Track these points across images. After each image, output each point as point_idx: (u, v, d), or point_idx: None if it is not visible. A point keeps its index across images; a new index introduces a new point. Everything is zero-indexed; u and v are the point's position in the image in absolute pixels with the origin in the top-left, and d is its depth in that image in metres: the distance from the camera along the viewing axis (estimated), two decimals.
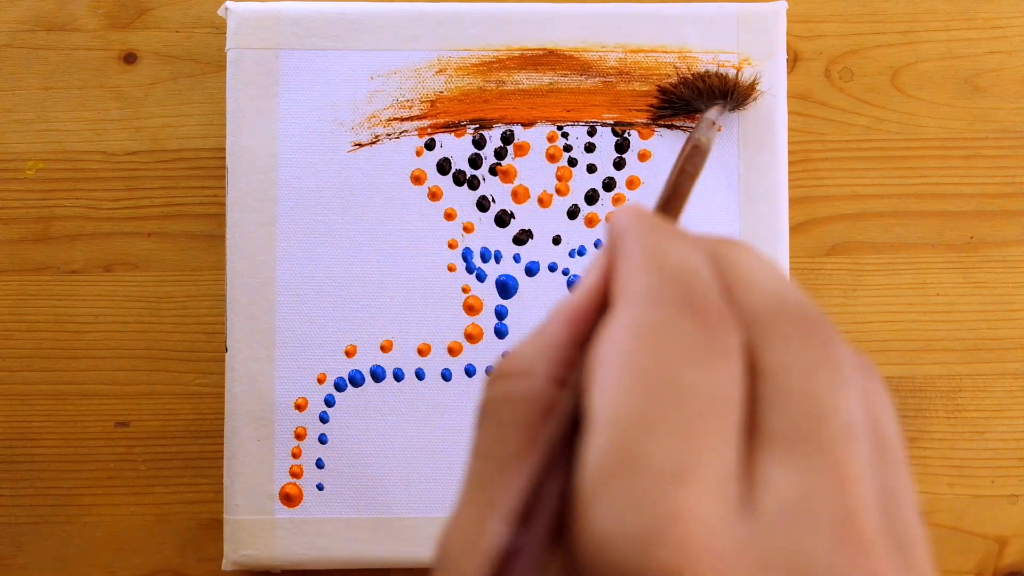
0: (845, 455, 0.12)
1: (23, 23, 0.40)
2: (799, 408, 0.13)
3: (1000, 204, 0.40)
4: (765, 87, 0.38)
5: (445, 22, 0.38)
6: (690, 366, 0.13)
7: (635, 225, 0.15)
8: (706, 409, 0.12)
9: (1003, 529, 0.40)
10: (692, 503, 0.11)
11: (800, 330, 0.14)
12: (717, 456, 0.12)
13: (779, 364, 0.13)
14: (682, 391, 0.12)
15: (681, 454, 0.12)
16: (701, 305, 0.13)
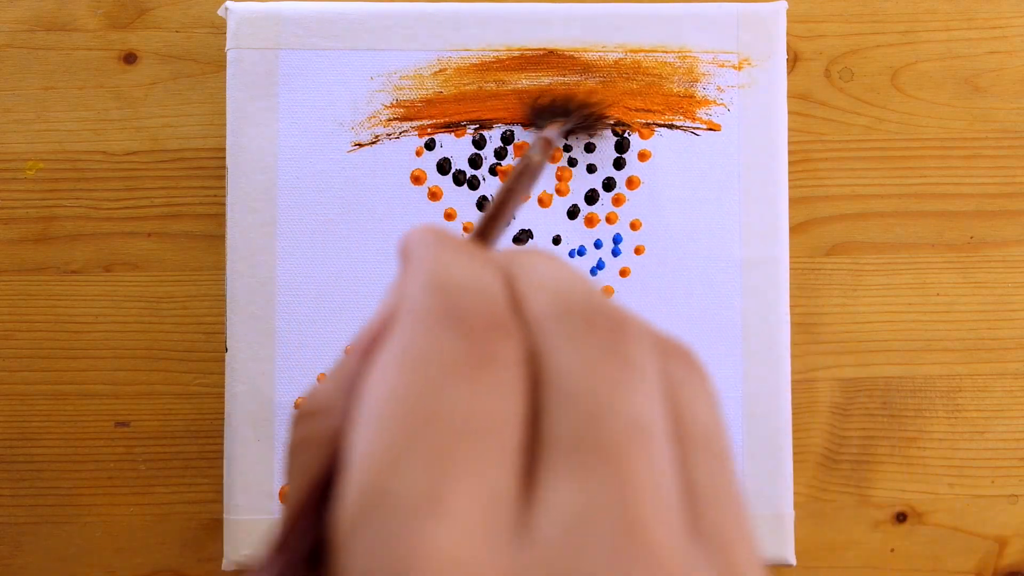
0: (630, 457, 0.12)
1: (23, 23, 0.40)
2: (579, 412, 0.12)
3: (1000, 204, 0.40)
4: (764, 87, 0.38)
5: (445, 22, 0.38)
6: (453, 387, 0.12)
7: (423, 243, 0.14)
8: (469, 431, 0.11)
9: (1003, 529, 0.40)
10: (443, 537, 0.10)
11: (584, 329, 0.13)
12: (482, 480, 0.11)
13: (561, 368, 0.12)
14: (441, 415, 0.11)
15: (433, 484, 0.11)
16: (472, 320, 0.12)
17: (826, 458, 0.40)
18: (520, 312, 0.13)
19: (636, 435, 0.12)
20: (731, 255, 0.38)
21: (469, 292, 0.13)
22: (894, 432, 0.40)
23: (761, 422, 0.37)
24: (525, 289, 0.14)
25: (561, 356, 0.13)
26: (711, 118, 0.38)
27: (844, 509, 0.39)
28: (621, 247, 0.38)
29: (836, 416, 0.40)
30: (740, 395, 0.37)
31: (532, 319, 0.13)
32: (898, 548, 0.39)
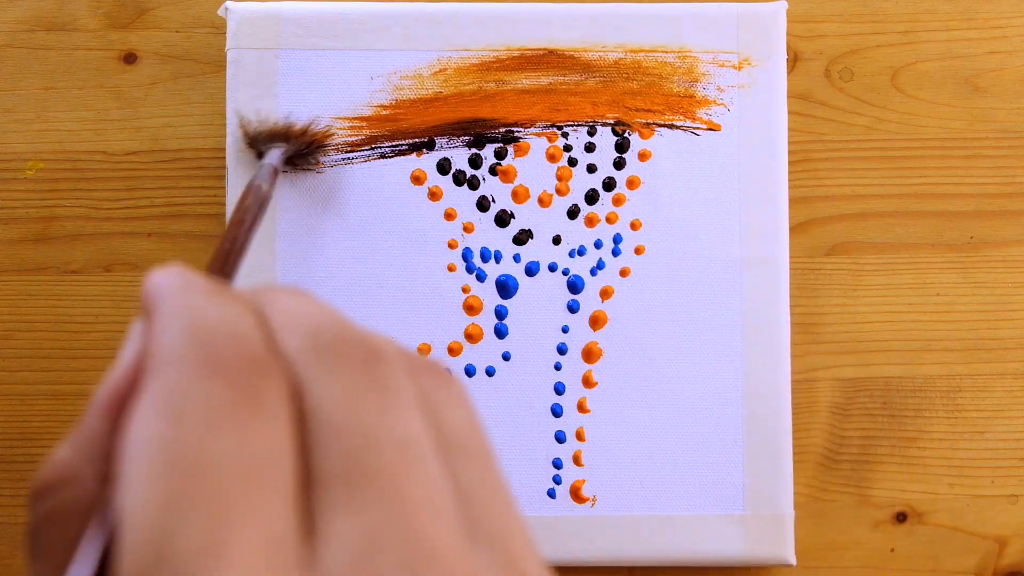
0: (402, 478, 0.12)
1: (23, 23, 0.40)
2: (346, 443, 0.12)
3: (1000, 204, 0.40)
4: (764, 87, 0.38)
5: (445, 22, 0.38)
6: (218, 432, 0.11)
7: (169, 287, 0.14)
8: (242, 476, 0.11)
9: (1003, 529, 0.40)
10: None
11: (339, 361, 0.13)
12: (261, 525, 0.11)
13: (323, 402, 0.12)
14: (211, 463, 0.11)
15: (211, 534, 0.11)
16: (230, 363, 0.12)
17: (826, 458, 0.40)
18: (276, 350, 0.13)
19: (404, 456, 0.12)
20: (731, 255, 0.38)
21: (225, 335, 0.13)
22: (894, 432, 0.40)
23: (761, 422, 0.37)
24: (277, 327, 0.14)
25: (321, 390, 0.13)
26: (711, 118, 0.38)
27: (844, 509, 0.39)
28: (621, 247, 0.38)
29: (836, 416, 0.40)
30: (740, 395, 0.37)
31: (289, 356, 0.13)
32: (898, 548, 0.39)
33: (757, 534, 0.37)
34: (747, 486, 0.37)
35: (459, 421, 0.14)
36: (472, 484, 0.13)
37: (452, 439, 0.14)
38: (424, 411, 0.14)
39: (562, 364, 0.38)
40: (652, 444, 0.37)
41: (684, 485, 0.37)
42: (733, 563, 0.37)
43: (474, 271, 0.38)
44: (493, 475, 0.14)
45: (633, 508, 0.37)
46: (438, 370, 0.15)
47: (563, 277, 0.38)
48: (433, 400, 0.14)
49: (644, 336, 0.38)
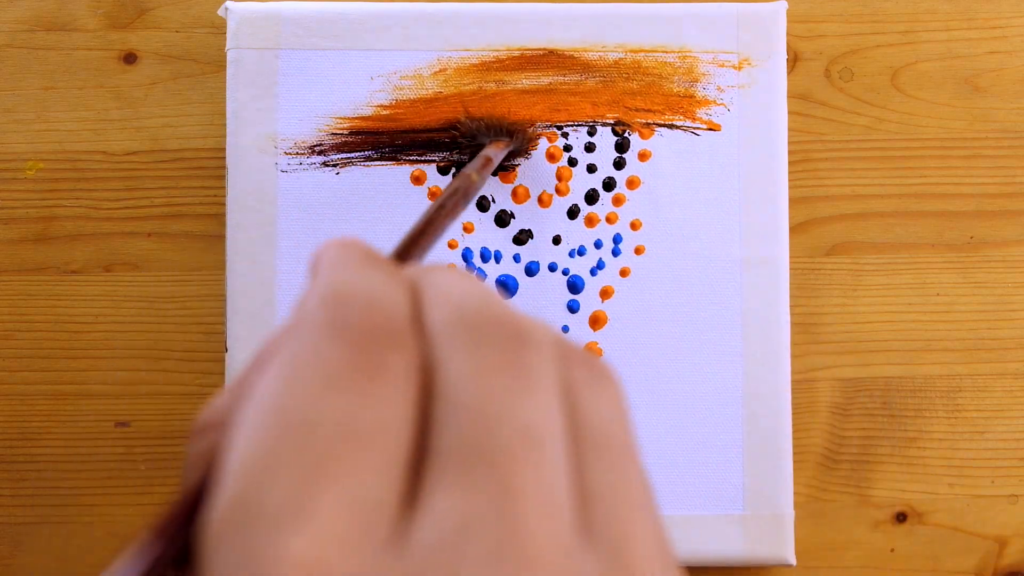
0: (516, 465, 0.11)
1: (23, 23, 0.40)
2: (468, 421, 0.12)
3: (1000, 204, 0.40)
4: (764, 87, 0.38)
5: (445, 22, 0.38)
6: (333, 396, 0.12)
7: (330, 256, 0.14)
8: (346, 440, 0.11)
9: (1003, 529, 0.40)
10: (304, 545, 0.10)
11: (480, 339, 0.13)
12: (355, 489, 0.11)
13: (453, 378, 0.12)
14: (316, 424, 0.11)
15: (299, 493, 0.11)
16: (357, 329, 0.12)
17: (826, 458, 0.40)
18: (420, 324, 0.13)
19: (525, 443, 0.12)
20: (731, 255, 0.38)
21: (361, 303, 0.13)
22: (894, 432, 0.40)
23: (761, 422, 0.37)
24: (428, 302, 0.14)
25: (454, 366, 0.12)
26: (711, 118, 0.38)
27: (844, 509, 0.39)
28: (621, 247, 0.38)
29: (836, 416, 0.40)
30: (740, 395, 0.37)
31: (430, 331, 0.13)
32: (898, 548, 0.39)
33: (757, 534, 0.37)
34: (747, 486, 0.37)
35: (602, 416, 0.13)
36: (601, 482, 0.13)
37: (590, 433, 0.13)
38: (564, 401, 0.13)
39: None
40: (652, 444, 0.37)
41: (684, 485, 0.37)
42: (733, 563, 0.37)
43: (474, 271, 0.38)
44: (629, 475, 0.13)
45: None
46: (593, 362, 0.14)
47: (563, 277, 0.38)
48: (578, 391, 0.14)
49: (644, 336, 0.38)
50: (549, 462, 0.12)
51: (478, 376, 0.12)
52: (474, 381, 0.12)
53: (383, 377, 0.12)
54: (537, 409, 0.12)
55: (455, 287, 0.14)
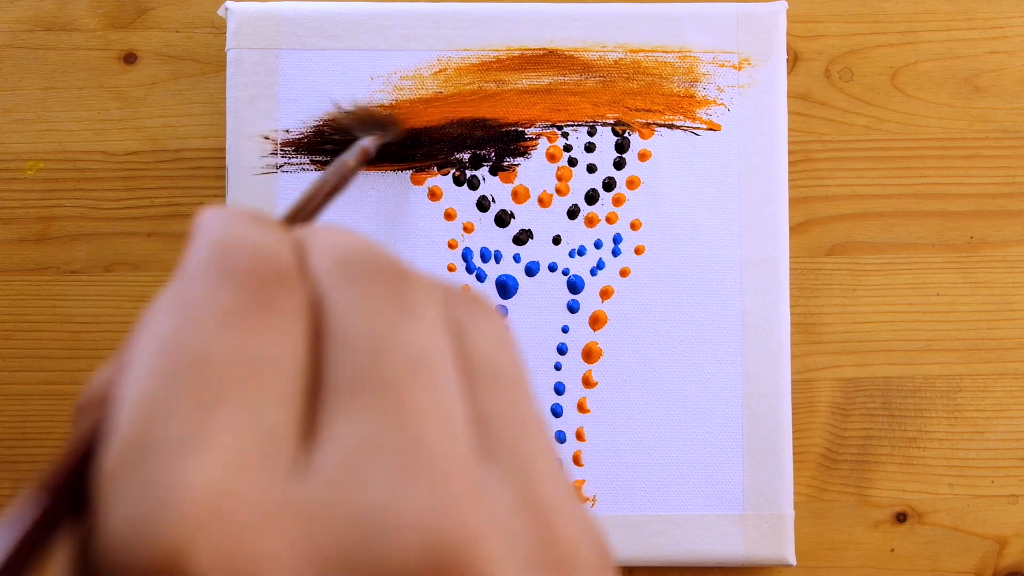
0: (410, 388, 0.12)
1: (23, 23, 0.40)
2: (358, 352, 0.12)
3: (1000, 204, 0.40)
4: (764, 87, 0.38)
5: (445, 22, 0.38)
6: (225, 332, 0.12)
7: (211, 216, 0.14)
8: (240, 373, 0.11)
9: (1003, 529, 0.40)
10: (203, 474, 0.10)
11: (364, 279, 0.13)
12: (252, 419, 0.11)
13: (341, 315, 0.13)
14: (209, 359, 0.11)
15: (196, 424, 0.11)
16: (248, 272, 0.12)
17: (826, 458, 0.40)
18: (306, 271, 0.13)
19: (416, 368, 0.12)
20: (731, 255, 0.38)
21: (249, 249, 0.13)
22: (894, 432, 0.40)
23: (761, 422, 0.37)
24: (311, 252, 0.14)
25: (340, 304, 0.13)
26: (711, 118, 0.38)
27: (844, 509, 0.39)
28: (621, 247, 0.38)
29: (836, 416, 0.40)
30: (740, 395, 0.37)
31: (316, 276, 0.13)
32: (898, 548, 0.39)
33: (757, 534, 0.37)
34: (747, 486, 0.37)
35: (490, 347, 0.14)
36: (494, 409, 0.13)
37: (479, 364, 0.13)
38: (451, 334, 0.13)
39: (562, 364, 0.38)
40: (652, 444, 0.37)
41: (684, 485, 0.37)
42: (733, 563, 0.37)
43: (474, 271, 0.38)
44: (520, 403, 0.13)
45: (633, 508, 0.37)
46: (476, 300, 0.15)
47: (563, 277, 0.38)
48: (463, 325, 0.14)
49: (644, 336, 0.38)
50: (441, 386, 0.12)
51: (364, 311, 0.13)
52: (361, 315, 0.12)
53: (274, 314, 0.12)
54: (424, 337, 0.13)
55: (336, 237, 0.14)
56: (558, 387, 0.38)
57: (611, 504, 0.37)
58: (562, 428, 0.37)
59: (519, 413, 0.13)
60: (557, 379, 0.38)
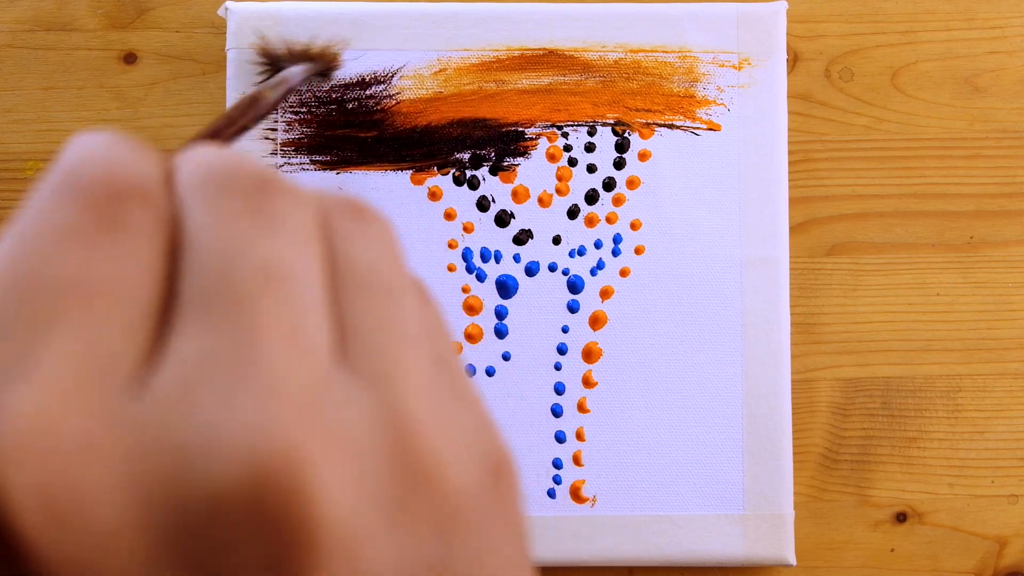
0: (256, 300, 0.11)
1: (23, 23, 0.40)
2: (208, 265, 0.12)
3: (1000, 204, 0.40)
4: (764, 87, 0.38)
5: (445, 22, 0.38)
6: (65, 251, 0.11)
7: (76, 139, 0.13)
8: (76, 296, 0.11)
9: (1003, 529, 0.40)
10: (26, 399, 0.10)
11: (223, 190, 0.12)
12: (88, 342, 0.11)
13: (196, 229, 0.12)
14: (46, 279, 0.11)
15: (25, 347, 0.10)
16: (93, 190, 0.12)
17: (826, 458, 0.40)
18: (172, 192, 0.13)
19: (267, 279, 0.12)
20: (731, 255, 0.38)
21: (101, 168, 0.12)
22: (894, 432, 0.40)
23: (761, 422, 0.37)
24: (178, 168, 0.13)
25: (198, 217, 0.12)
26: (711, 118, 0.38)
27: (844, 509, 0.39)
28: (621, 247, 0.38)
29: (836, 416, 0.40)
30: (740, 395, 0.37)
31: (180, 194, 0.13)
32: (898, 548, 0.39)
33: (757, 534, 0.37)
34: (747, 486, 0.37)
35: (368, 257, 0.13)
36: (364, 318, 0.13)
37: (352, 274, 0.13)
38: (321, 244, 0.13)
39: (562, 364, 0.38)
40: (652, 444, 0.37)
41: (684, 485, 0.37)
42: (733, 563, 0.37)
43: (474, 271, 0.38)
44: (396, 312, 0.13)
45: (633, 508, 0.37)
46: (361, 208, 0.14)
47: (563, 277, 0.38)
48: (341, 236, 0.13)
49: (644, 336, 0.38)
50: (294, 297, 0.12)
51: (219, 223, 0.12)
52: (214, 228, 0.12)
53: (122, 232, 0.12)
54: (279, 248, 0.12)
55: (207, 155, 0.13)
56: (558, 387, 0.38)
57: (611, 504, 0.37)
58: (562, 428, 0.37)
59: (392, 321, 0.13)
60: (557, 379, 0.38)
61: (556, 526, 0.37)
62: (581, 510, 0.37)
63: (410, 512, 0.12)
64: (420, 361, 0.13)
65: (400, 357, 0.13)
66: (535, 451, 0.37)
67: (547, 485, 0.37)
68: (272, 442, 0.10)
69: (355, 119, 0.38)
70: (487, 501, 0.13)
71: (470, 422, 0.13)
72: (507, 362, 0.38)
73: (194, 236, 0.12)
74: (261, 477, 0.10)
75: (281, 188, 0.13)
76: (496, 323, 0.38)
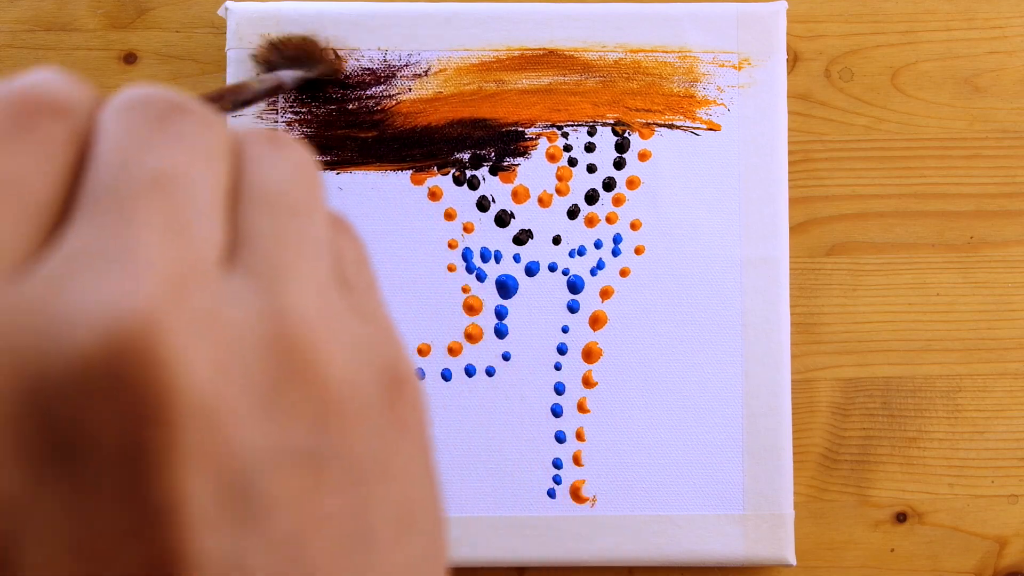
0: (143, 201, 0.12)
1: (23, 23, 0.40)
2: (106, 170, 0.12)
3: (1000, 204, 0.40)
4: (764, 87, 0.38)
5: (445, 22, 0.38)
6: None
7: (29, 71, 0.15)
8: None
9: (1003, 529, 0.40)
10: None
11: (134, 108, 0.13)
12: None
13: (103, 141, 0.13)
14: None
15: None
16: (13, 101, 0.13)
17: (826, 458, 0.40)
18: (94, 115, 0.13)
19: (156, 184, 0.12)
20: (731, 255, 0.38)
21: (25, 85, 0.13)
22: (894, 432, 0.40)
23: (761, 422, 0.37)
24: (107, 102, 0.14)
25: (104, 133, 0.13)
26: (711, 118, 0.38)
27: (844, 509, 0.39)
28: (621, 247, 0.38)
29: (836, 416, 0.40)
30: (740, 395, 0.37)
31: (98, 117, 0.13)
32: (898, 548, 0.39)
33: (757, 534, 0.37)
34: (747, 486, 0.37)
35: (274, 178, 0.14)
36: (260, 231, 0.13)
37: (255, 192, 0.13)
38: (226, 164, 0.13)
39: (562, 364, 0.38)
40: (652, 444, 0.37)
41: (684, 485, 0.37)
42: (733, 563, 0.37)
43: (474, 271, 0.38)
44: (295, 228, 0.13)
45: (633, 508, 0.37)
46: (275, 137, 0.14)
47: (563, 277, 0.38)
48: (250, 159, 0.14)
49: (644, 336, 0.38)
50: (180, 200, 0.12)
51: (122, 135, 0.13)
52: (116, 138, 0.12)
53: (31, 139, 0.12)
54: (174, 158, 0.12)
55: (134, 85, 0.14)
56: (558, 387, 0.38)
57: (611, 504, 0.37)
58: (562, 428, 0.37)
59: (289, 235, 0.13)
60: (557, 379, 0.38)
61: (556, 526, 0.37)
62: (581, 510, 0.37)
63: (285, 401, 0.12)
64: (316, 272, 0.13)
65: (293, 265, 0.13)
66: (535, 451, 0.37)
67: (547, 485, 0.37)
68: (132, 313, 0.10)
69: (355, 119, 0.38)
70: (380, 410, 0.13)
71: (369, 337, 0.13)
72: (507, 362, 0.38)
73: (98, 147, 0.12)
74: (118, 343, 0.10)
75: (193, 112, 0.13)
76: (496, 323, 0.38)
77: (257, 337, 0.12)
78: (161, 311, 0.11)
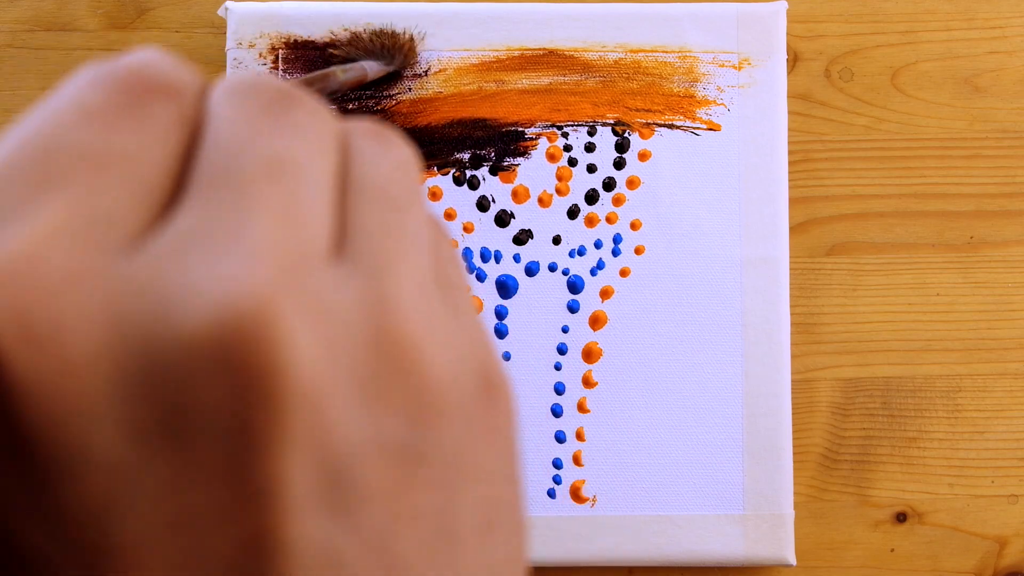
0: (257, 185, 0.12)
1: (23, 23, 0.40)
2: (220, 153, 0.12)
3: (1000, 204, 0.40)
4: (764, 87, 0.38)
5: (445, 22, 0.38)
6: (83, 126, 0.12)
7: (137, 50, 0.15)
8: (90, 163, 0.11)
9: (1003, 529, 0.40)
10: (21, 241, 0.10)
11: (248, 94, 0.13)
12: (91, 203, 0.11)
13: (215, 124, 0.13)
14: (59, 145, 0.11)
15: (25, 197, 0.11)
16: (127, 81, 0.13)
17: (826, 458, 0.40)
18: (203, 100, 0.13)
19: (272, 170, 0.12)
20: (731, 255, 0.38)
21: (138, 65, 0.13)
22: (894, 432, 0.40)
23: (761, 422, 0.37)
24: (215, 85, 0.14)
25: (218, 116, 0.13)
26: (711, 118, 0.38)
27: (844, 509, 0.39)
28: (621, 247, 0.38)
29: (836, 416, 0.40)
30: (740, 395, 0.38)
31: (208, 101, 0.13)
32: (898, 548, 0.39)
33: (757, 534, 0.37)
34: (747, 486, 0.37)
35: (381, 172, 0.14)
36: (368, 222, 0.13)
37: (365, 184, 0.13)
38: (336, 155, 0.13)
39: (562, 364, 0.38)
40: (652, 444, 0.37)
41: (684, 485, 0.37)
42: (733, 563, 0.37)
43: (474, 271, 0.38)
44: (398, 221, 0.13)
45: (633, 508, 0.37)
46: (381, 132, 0.14)
47: (563, 277, 0.38)
48: (358, 152, 0.14)
49: (644, 336, 0.38)
50: (295, 187, 0.12)
51: (236, 119, 0.13)
52: (231, 122, 0.12)
53: (145, 118, 0.12)
54: (292, 146, 0.12)
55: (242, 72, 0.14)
56: (558, 387, 0.38)
57: (611, 504, 0.37)
58: (562, 428, 0.37)
59: (394, 228, 0.13)
60: (557, 379, 0.38)
61: (556, 526, 0.37)
62: (581, 510, 0.37)
63: (385, 394, 0.12)
64: (419, 268, 0.13)
65: (398, 260, 0.13)
66: (535, 451, 0.37)
67: (547, 485, 0.37)
68: (247, 294, 0.10)
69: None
70: (474, 409, 0.13)
71: (466, 337, 0.13)
72: (507, 362, 0.38)
73: (212, 130, 0.13)
74: (231, 323, 0.10)
75: (305, 102, 0.13)
76: (496, 323, 0.38)
77: (361, 328, 0.12)
78: (274, 295, 0.11)
